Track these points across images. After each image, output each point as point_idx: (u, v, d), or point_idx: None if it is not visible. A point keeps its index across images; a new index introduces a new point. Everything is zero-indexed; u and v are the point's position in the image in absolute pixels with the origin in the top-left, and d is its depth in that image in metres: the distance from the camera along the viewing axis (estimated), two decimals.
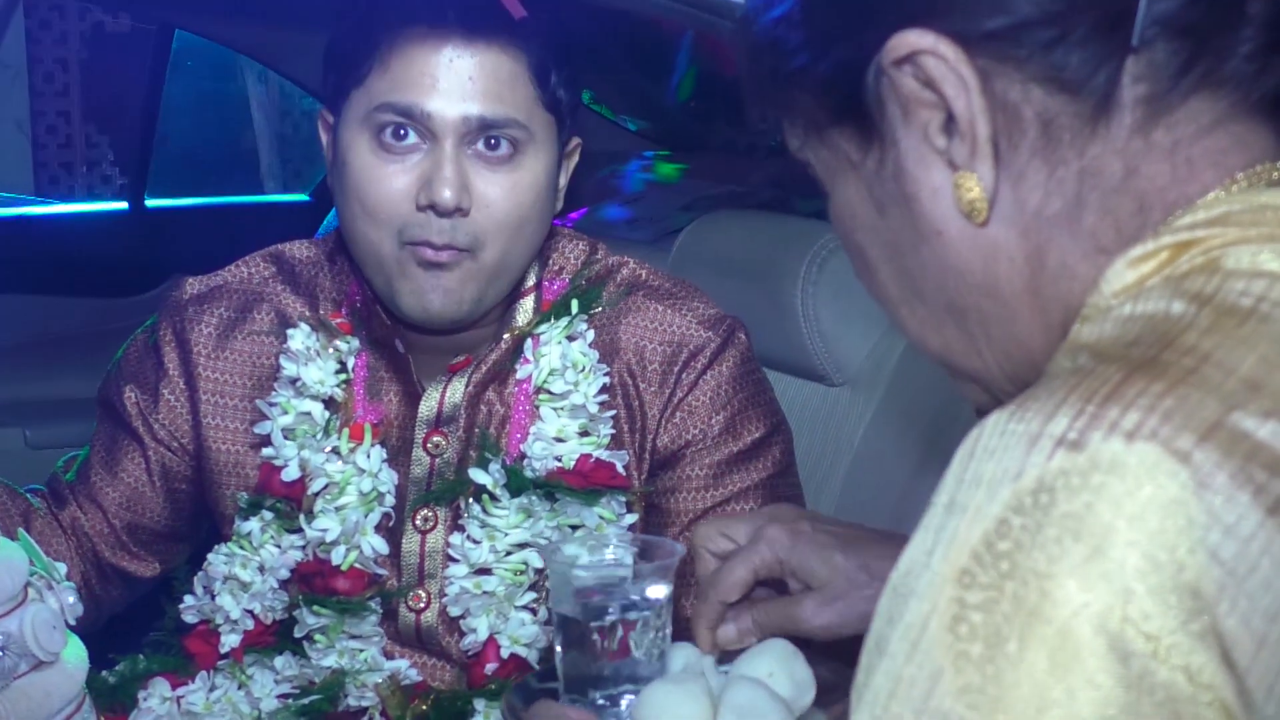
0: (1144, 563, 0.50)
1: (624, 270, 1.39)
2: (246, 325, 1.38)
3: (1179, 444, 0.51)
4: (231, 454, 1.37)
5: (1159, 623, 0.49)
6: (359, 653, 1.32)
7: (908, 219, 0.69)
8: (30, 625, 0.98)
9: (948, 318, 0.71)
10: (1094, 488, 0.51)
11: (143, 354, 1.41)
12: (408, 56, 1.25)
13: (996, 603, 0.52)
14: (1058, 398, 0.54)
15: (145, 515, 1.40)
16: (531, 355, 1.33)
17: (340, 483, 1.31)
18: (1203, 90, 0.63)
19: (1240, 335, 0.55)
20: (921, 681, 0.53)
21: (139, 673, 1.33)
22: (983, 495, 0.54)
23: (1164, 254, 0.61)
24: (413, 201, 1.25)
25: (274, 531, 1.32)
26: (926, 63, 0.64)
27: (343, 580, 1.31)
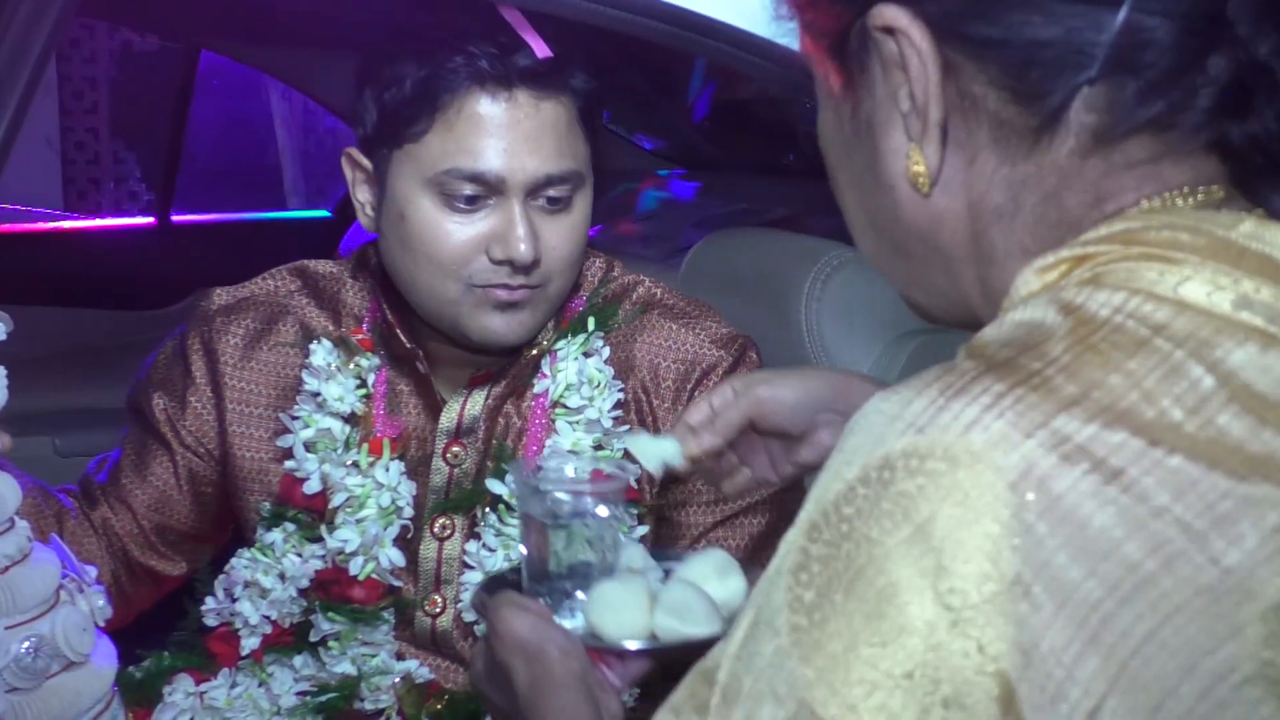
0: (956, 544, 0.55)
1: (639, 289, 1.43)
2: (271, 337, 1.42)
3: (1006, 439, 0.56)
4: (255, 462, 1.40)
5: (961, 598, 0.55)
6: (371, 658, 1.36)
7: (869, 165, 0.72)
8: (61, 627, 1.01)
9: (896, 255, 0.75)
10: (927, 471, 0.56)
11: (171, 362, 1.45)
12: (473, 120, 1.27)
13: (833, 559, 0.58)
14: (922, 385, 0.60)
15: (173, 517, 1.44)
16: (549, 370, 1.37)
17: (360, 497, 1.35)
18: (1148, 131, 0.66)
19: (1090, 343, 0.59)
20: (769, 612, 0.60)
21: (164, 669, 1.38)
22: (842, 462, 0.60)
23: (1064, 265, 0.64)
24: (482, 253, 1.29)
25: (295, 541, 1.36)
26: (899, 39, 0.68)
27: (359, 589, 1.35)
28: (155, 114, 2.84)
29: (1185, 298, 0.60)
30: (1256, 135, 0.65)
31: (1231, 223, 0.63)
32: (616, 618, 1.00)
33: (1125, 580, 0.54)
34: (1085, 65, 0.64)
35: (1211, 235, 0.62)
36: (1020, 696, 0.54)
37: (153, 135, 5.75)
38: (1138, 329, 0.59)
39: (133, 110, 6.24)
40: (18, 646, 0.97)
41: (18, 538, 1.01)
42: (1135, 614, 0.54)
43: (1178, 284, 0.60)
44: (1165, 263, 0.61)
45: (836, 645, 0.57)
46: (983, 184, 0.69)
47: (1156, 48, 0.64)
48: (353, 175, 1.38)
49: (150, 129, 5.84)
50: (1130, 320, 0.59)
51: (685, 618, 0.99)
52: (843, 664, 0.57)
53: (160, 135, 2.95)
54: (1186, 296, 0.60)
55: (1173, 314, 0.59)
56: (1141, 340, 0.59)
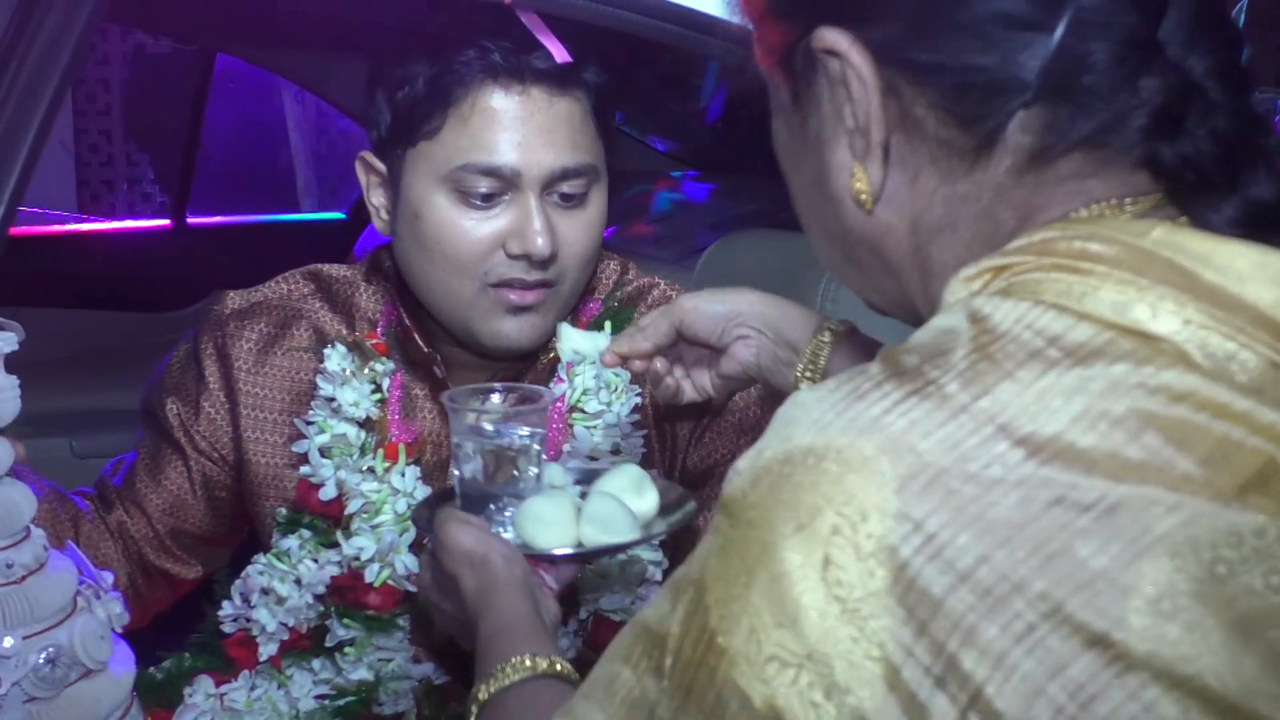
0: (842, 541, 0.59)
1: (655, 291, 1.43)
2: (285, 341, 1.41)
3: (895, 445, 0.59)
4: (270, 467, 1.40)
5: (849, 590, 0.59)
6: (387, 663, 1.36)
7: (818, 177, 0.75)
8: (79, 636, 1.00)
9: (847, 263, 0.78)
10: (822, 470, 0.60)
11: (184, 367, 1.44)
12: (488, 114, 1.27)
13: (740, 542, 0.62)
14: (836, 385, 0.63)
15: (187, 521, 1.44)
16: (565, 375, 1.37)
17: (376, 503, 1.35)
18: (1081, 150, 0.68)
19: (988, 353, 0.61)
20: (699, 590, 0.64)
21: (184, 670, 1.39)
22: (757, 451, 0.64)
23: (987, 275, 0.67)
24: (499, 249, 1.29)
25: (312, 548, 1.36)
26: (841, 61, 0.70)
27: (375, 596, 1.35)
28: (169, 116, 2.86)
29: (1088, 308, 0.62)
30: (1188, 155, 0.67)
31: (1143, 230, 0.64)
32: (546, 530, 1.10)
33: (1006, 579, 0.57)
34: (1021, 89, 0.67)
35: (1121, 244, 0.63)
36: (904, 677, 0.58)
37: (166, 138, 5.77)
38: (1033, 339, 0.61)
39: (146, 113, 6.27)
40: (35, 656, 0.97)
41: (34, 546, 1.01)
42: (1014, 612, 0.56)
43: (1083, 294, 0.62)
44: (1074, 273, 0.63)
45: (748, 624, 0.61)
46: (924, 201, 0.71)
47: (1090, 71, 0.66)
48: (367, 179, 1.38)
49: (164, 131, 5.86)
50: (1028, 331, 0.61)
51: (608, 527, 1.11)
52: (755, 642, 0.61)
53: (174, 138, 2.97)
54: (1090, 307, 0.62)
55: (1070, 324, 0.61)
56: (1035, 350, 0.61)
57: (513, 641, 0.98)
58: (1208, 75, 0.67)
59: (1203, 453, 0.58)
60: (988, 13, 0.67)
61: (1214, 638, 0.56)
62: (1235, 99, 0.68)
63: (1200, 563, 0.56)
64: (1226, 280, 0.62)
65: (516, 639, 0.98)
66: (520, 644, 0.97)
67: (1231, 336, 0.61)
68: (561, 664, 0.97)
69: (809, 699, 0.59)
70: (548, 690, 0.94)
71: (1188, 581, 0.56)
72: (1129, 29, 0.66)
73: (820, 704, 0.59)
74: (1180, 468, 0.58)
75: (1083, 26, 0.66)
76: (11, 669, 0.96)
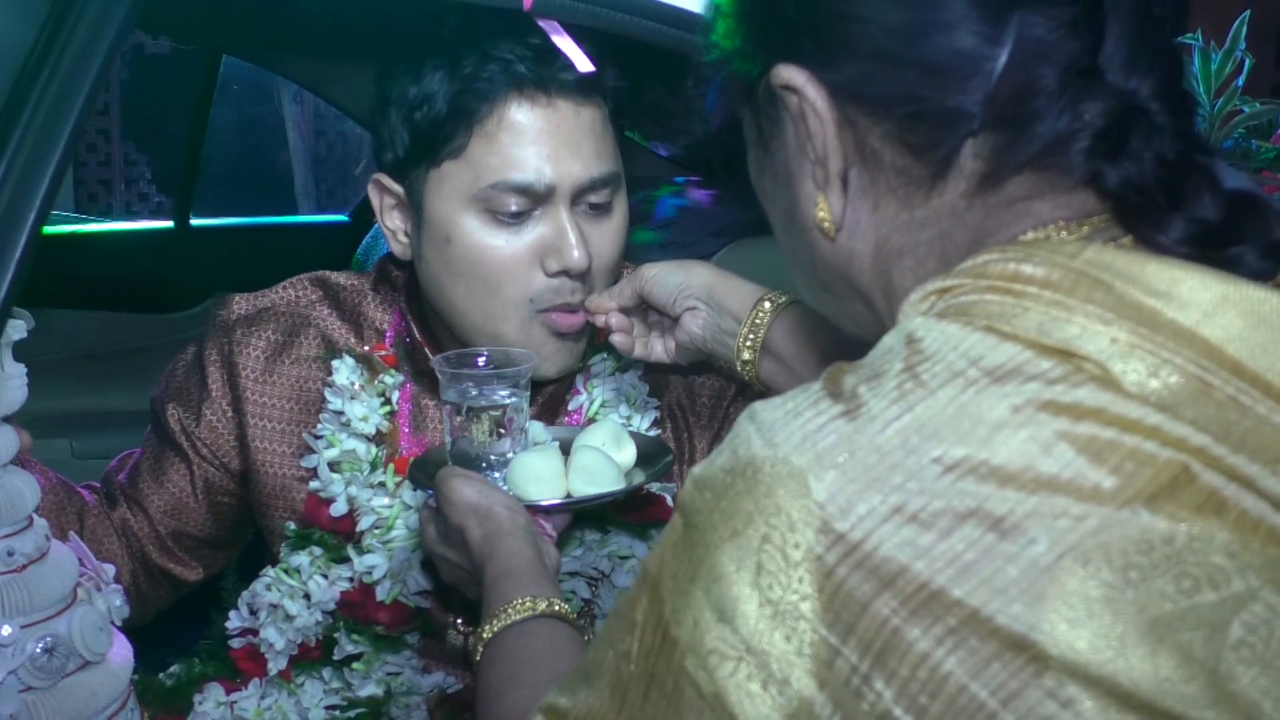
0: (772, 549, 0.62)
1: None
2: (293, 350, 1.39)
3: (821, 462, 0.62)
4: (279, 478, 1.39)
5: (780, 594, 0.62)
6: (395, 677, 1.34)
7: (788, 210, 0.79)
8: (78, 627, 1.00)
9: (822, 291, 0.82)
10: (758, 481, 0.64)
11: (188, 372, 1.42)
12: (514, 129, 1.23)
13: (688, 543, 0.66)
14: (784, 400, 0.67)
15: (189, 524, 1.43)
16: (583, 387, 1.36)
17: (389, 519, 1.33)
18: (1028, 172, 0.71)
19: (916, 373, 0.64)
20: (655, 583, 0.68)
21: (194, 677, 1.37)
22: (711, 459, 0.67)
23: (932, 297, 0.69)
24: (537, 268, 1.26)
25: (322, 564, 1.34)
26: (799, 96, 0.73)
27: (384, 613, 1.33)
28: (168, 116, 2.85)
29: (1018, 330, 0.64)
30: (1130, 176, 0.69)
31: (1076, 251, 0.67)
32: (538, 484, 1.18)
33: (925, 588, 0.60)
34: (969, 118, 0.70)
35: (1054, 264, 0.66)
36: (834, 675, 0.61)
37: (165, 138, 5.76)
38: (957, 360, 0.64)
39: (144, 112, 6.26)
40: (34, 645, 0.97)
41: (36, 536, 1.01)
42: (934, 616, 0.59)
43: (1013, 316, 0.65)
44: (1007, 294, 0.66)
45: (693, 617, 0.65)
46: (886, 227, 0.75)
47: (1035, 98, 0.69)
48: (380, 201, 1.34)
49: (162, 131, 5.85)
50: (954, 352, 0.64)
51: (595, 478, 1.19)
52: (699, 635, 0.64)
53: (173, 138, 2.97)
54: (1019, 329, 0.64)
55: (994, 345, 0.64)
56: (957, 371, 0.63)
57: (516, 584, 1.04)
58: (1150, 98, 0.70)
59: (1113, 463, 0.60)
60: (935, 48, 0.70)
61: (1128, 641, 0.58)
62: (1178, 120, 0.70)
63: (1112, 569, 0.59)
64: (1153, 299, 0.64)
65: (520, 581, 1.05)
66: (523, 586, 1.04)
67: (1155, 353, 0.63)
68: (560, 605, 1.03)
69: (747, 689, 0.63)
70: (546, 628, 1.01)
71: (1100, 588, 0.58)
72: (1068, 56, 0.69)
73: (757, 694, 0.63)
74: (1091, 479, 0.60)
75: (1025, 57, 0.69)
76: (9, 657, 0.96)
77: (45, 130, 0.74)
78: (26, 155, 0.75)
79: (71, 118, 0.73)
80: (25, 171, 0.74)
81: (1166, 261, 0.66)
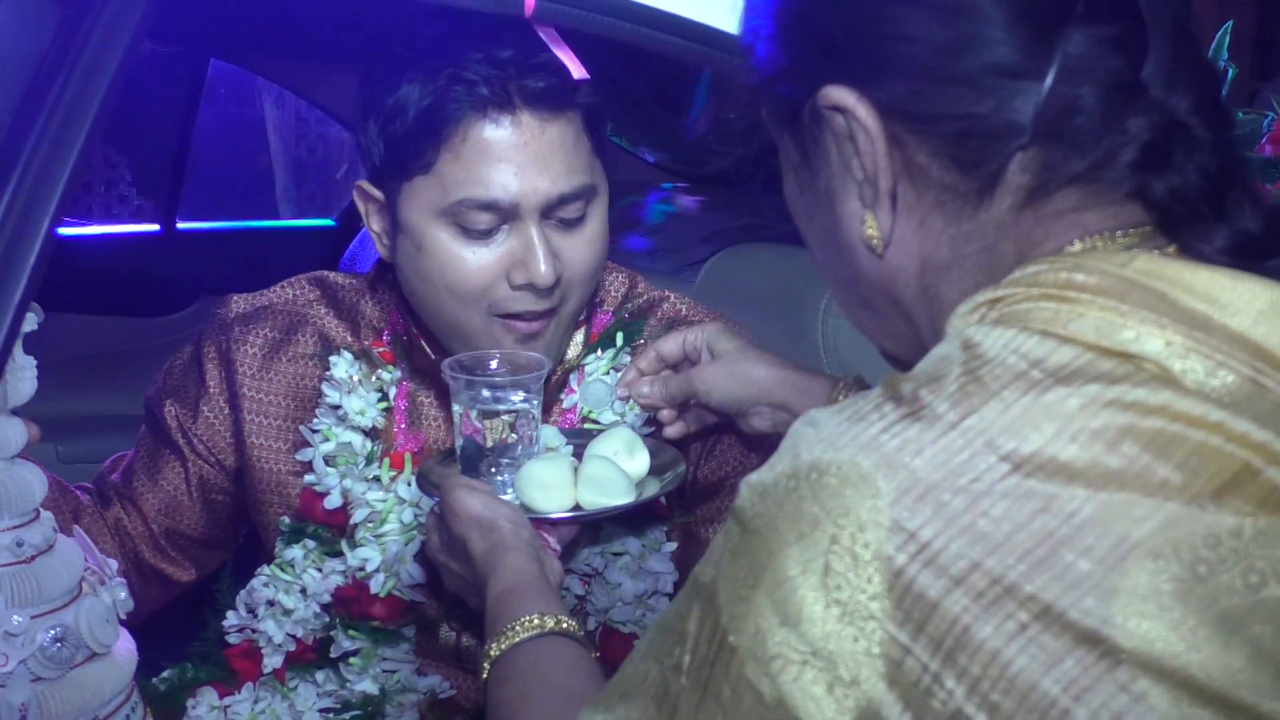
0: (841, 550, 0.63)
1: (665, 305, 1.43)
2: (290, 347, 1.40)
3: (890, 462, 0.63)
4: (274, 474, 1.40)
5: (849, 594, 0.63)
6: (392, 675, 1.35)
7: (830, 228, 0.80)
8: (86, 618, 1.01)
9: (862, 308, 0.83)
10: (823, 485, 0.65)
11: (185, 370, 1.43)
12: (481, 146, 1.23)
13: (747, 547, 0.67)
14: (843, 407, 0.68)
15: (183, 523, 1.44)
16: (577, 386, 1.37)
17: (382, 512, 1.34)
18: (1075, 185, 0.73)
19: (977, 376, 0.66)
20: (711, 590, 0.69)
21: (186, 681, 1.38)
22: (769, 465, 0.68)
23: (983, 308, 0.71)
24: (503, 279, 1.27)
25: (316, 558, 1.35)
26: (847, 117, 0.75)
27: (380, 606, 1.34)
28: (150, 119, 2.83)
29: (1073, 333, 0.66)
30: (1175, 188, 0.72)
31: (1126, 260, 0.69)
32: (545, 493, 1.17)
33: (999, 581, 0.61)
34: (1017, 133, 0.72)
35: (1104, 273, 0.68)
36: (904, 675, 0.62)
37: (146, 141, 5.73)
38: (1018, 363, 0.65)
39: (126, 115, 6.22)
40: (44, 635, 0.98)
41: (44, 528, 1.02)
42: (1006, 613, 0.61)
43: (1069, 320, 0.67)
44: (1061, 301, 0.68)
45: (754, 623, 0.65)
46: (932, 242, 0.76)
47: (1080, 113, 0.71)
48: (365, 207, 1.36)
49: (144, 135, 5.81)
50: (1014, 355, 0.66)
51: (604, 490, 1.17)
52: (761, 640, 0.65)
53: (155, 141, 2.95)
54: (1074, 332, 0.66)
55: (1053, 348, 0.66)
56: (1019, 373, 0.65)
57: (521, 601, 1.04)
58: (1190, 113, 0.72)
59: (1179, 459, 0.62)
60: (982, 65, 0.71)
61: (1199, 634, 0.60)
62: (1217, 134, 0.72)
63: (1181, 564, 0.60)
64: (1204, 304, 0.66)
65: (525, 598, 1.04)
66: (529, 603, 1.03)
67: (1210, 356, 0.65)
68: (568, 622, 1.02)
69: (812, 694, 0.64)
70: (555, 646, 1.01)
71: (1170, 582, 0.60)
72: (1114, 72, 0.71)
73: (823, 698, 0.63)
74: (1158, 474, 0.62)
75: (1071, 73, 0.71)
76: (18, 647, 0.97)
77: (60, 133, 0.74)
78: (42, 157, 0.76)
79: (87, 121, 0.73)
80: (40, 174, 0.74)
81: (1213, 270, 0.68)
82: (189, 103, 2.76)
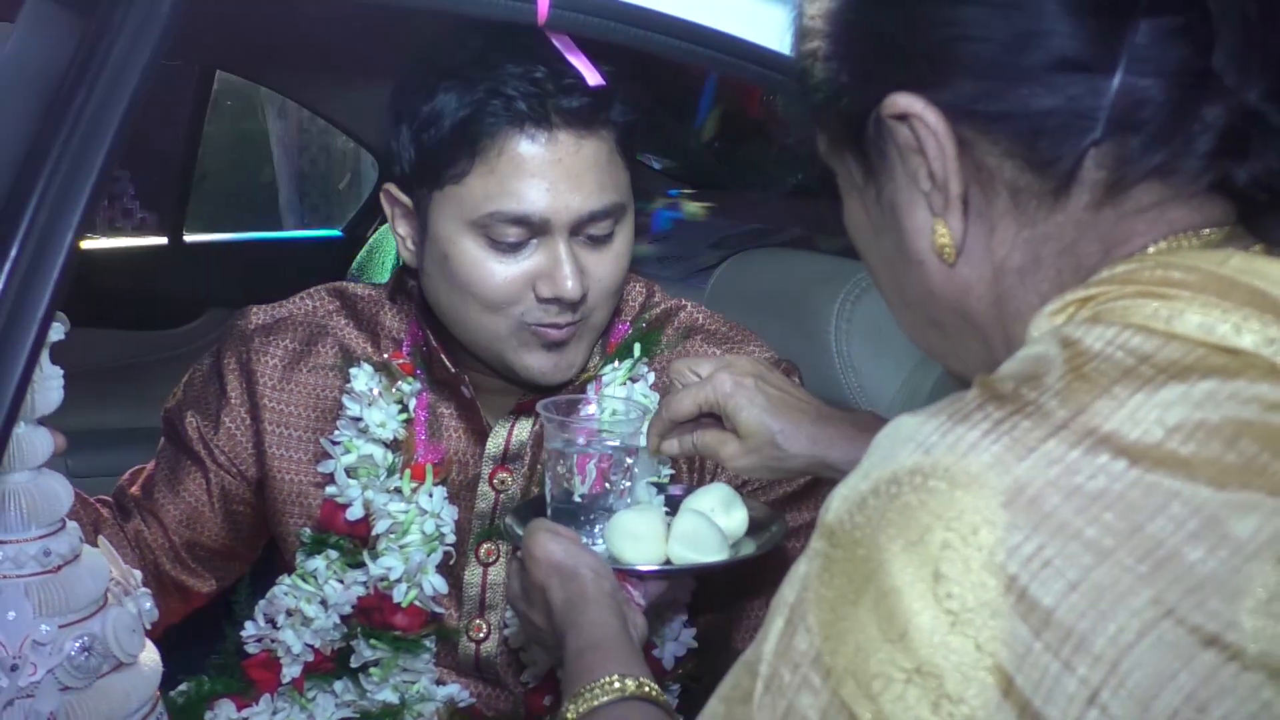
0: (953, 554, 0.61)
1: (682, 314, 1.43)
2: (311, 358, 1.41)
3: (1000, 462, 0.61)
4: (295, 484, 1.40)
5: (959, 603, 0.60)
6: (411, 685, 1.35)
7: (897, 245, 0.78)
8: (112, 627, 1.01)
9: (930, 328, 0.81)
10: (929, 489, 0.62)
11: (206, 381, 1.44)
12: (515, 161, 1.24)
13: (849, 561, 0.64)
14: (936, 410, 0.66)
15: (204, 534, 1.44)
16: (594, 396, 1.36)
17: (404, 523, 1.34)
18: (1153, 178, 0.71)
19: (1083, 373, 0.64)
20: (800, 610, 0.66)
21: (205, 694, 1.38)
22: (861, 474, 0.66)
23: (1071, 307, 0.70)
24: (530, 291, 1.27)
25: (338, 568, 1.35)
26: (914, 123, 0.73)
27: (401, 616, 1.34)
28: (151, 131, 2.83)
29: (1176, 329, 0.65)
30: (1258, 174, 0.70)
31: (1222, 259, 0.67)
32: (636, 545, 1.11)
33: (1118, 583, 0.59)
34: (1089, 128, 0.70)
35: (1202, 271, 0.67)
36: (1019, 685, 0.60)
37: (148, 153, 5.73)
38: (1125, 358, 0.64)
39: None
40: (71, 645, 0.98)
41: (70, 538, 1.03)
42: (1130, 611, 0.59)
43: (1170, 316, 0.65)
44: (1160, 298, 0.66)
45: (855, 641, 0.63)
46: (1005, 248, 0.74)
47: (1152, 105, 0.69)
48: (391, 210, 1.36)
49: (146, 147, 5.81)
50: (1120, 351, 0.64)
51: (696, 545, 1.12)
52: (862, 659, 0.62)
53: (159, 153, 2.95)
54: (1178, 328, 0.65)
55: (1160, 344, 0.64)
56: (1128, 369, 0.63)
57: (601, 660, 0.98)
58: (1263, 100, 0.70)
59: None
60: (1049, 60, 0.70)
61: None
62: None
63: None
64: None
65: (605, 657, 0.98)
66: (609, 663, 0.97)
67: None
68: (650, 685, 0.97)
69: (916, 714, 0.61)
70: (636, 713, 0.95)
71: None
72: (1182, 61, 0.69)
73: (927, 718, 0.61)
74: (1278, 472, 0.60)
75: (1139, 63, 0.69)
76: (47, 656, 0.98)
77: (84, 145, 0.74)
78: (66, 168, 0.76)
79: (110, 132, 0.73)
80: (65, 185, 0.75)
81: None
82: (195, 115, 2.76)
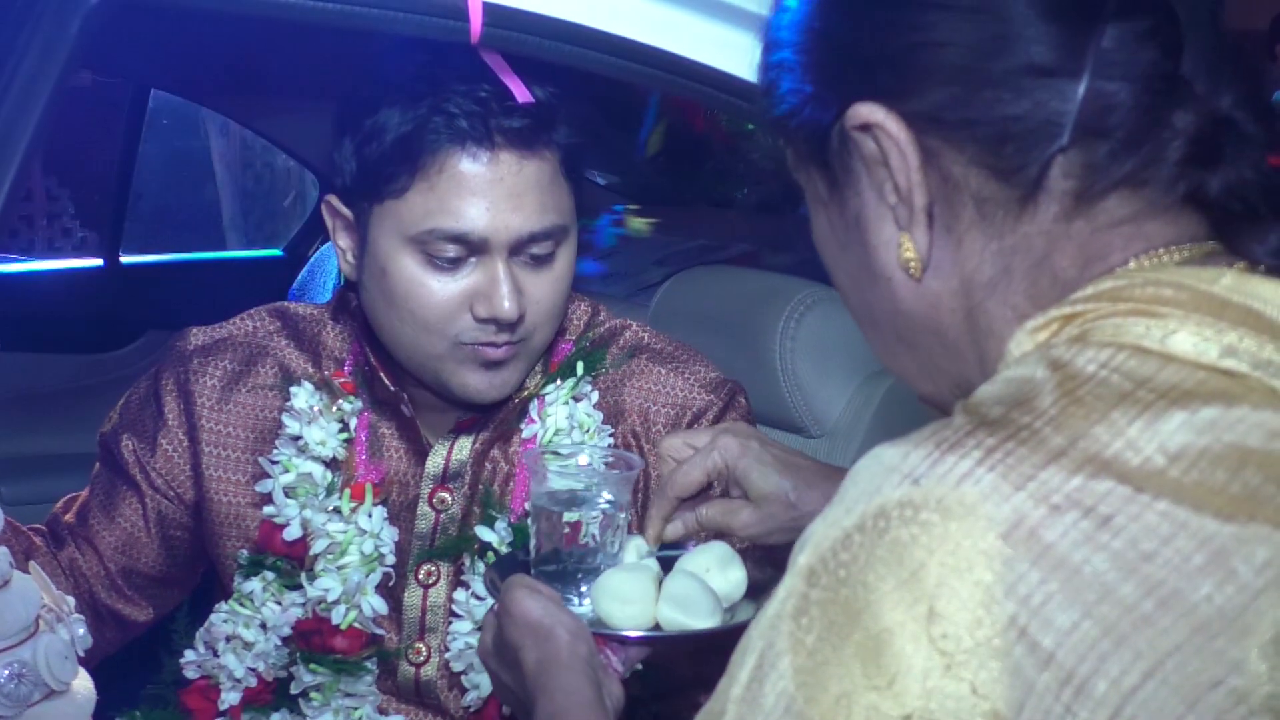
0: (948, 591, 0.58)
1: (626, 333, 1.42)
2: (250, 379, 1.39)
3: (997, 492, 0.59)
4: (233, 506, 1.37)
5: (955, 643, 0.58)
6: (353, 711, 1.33)
7: (863, 260, 0.76)
8: (44, 654, 0.99)
9: (901, 346, 0.78)
10: (920, 522, 0.59)
11: (143, 403, 1.41)
12: (456, 179, 1.24)
13: (831, 603, 0.61)
14: (919, 439, 0.63)
15: (140, 560, 1.41)
16: (537, 415, 1.36)
17: (342, 543, 1.32)
18: (1124, 188, 0.70)
19: (1076, 396, 0.61)
20: (772, 656, 0.62)
21: None
22: (842, 510, 0.63)
23: (1055, 325, 0.68)
24: (467, 311, 1.26)
25: (275, 590, 1.33)
26: (878, 134, 0.72)
27: (341, 639, 1.32)
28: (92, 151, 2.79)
29: (1172, 350, 0.63)
30: (1231, 183, 0.69)
31: (1213, 277, 0.66)
32: (623, 607, 1.05)
33: (1121, 621, 0.56)
34: (1056, 134, 0.69)
35: (1194, 290, 0.65)
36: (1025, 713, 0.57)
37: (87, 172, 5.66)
38: (1122, 382, 0.61)
39: (67, 147, 6.16)
40: (1, 672, 0.96)
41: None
42: (1134, 652, 0.56)
43: (1164, 336, 0.63)
44: (1151, 317, 0.64)
45: (838, 688, 0.59)
46: (973, 261, 0.72)
47: (1121, 110, 0.68)
48: (332, 222, 1.35)
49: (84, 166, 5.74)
50: (1115, 374, 0.62)
51: (688, 609, 1.04)
52: (844, 707, 0.59)
53: (98, 173, 2.92)
54: (1173, 349, 0.63)
55: (1157, 366, 0.62)
56: (1125, 392, 0.61)
57: None
58: (1235, 107, 0.69)
59: None
60: (1016, 65, 0.69)
61: None
62: (1265, 129, 0.69)
63: None
64: None
65: None
66: None
67: None
68: None
69: None
70: None
71: None
72: (1151, 65, 0.68)
73: None
74: None
75: (1107, 67, 0.68)
76: None
77: None
78: None
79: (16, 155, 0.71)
80: None
81: None
82: (130, 134, 2.72)
